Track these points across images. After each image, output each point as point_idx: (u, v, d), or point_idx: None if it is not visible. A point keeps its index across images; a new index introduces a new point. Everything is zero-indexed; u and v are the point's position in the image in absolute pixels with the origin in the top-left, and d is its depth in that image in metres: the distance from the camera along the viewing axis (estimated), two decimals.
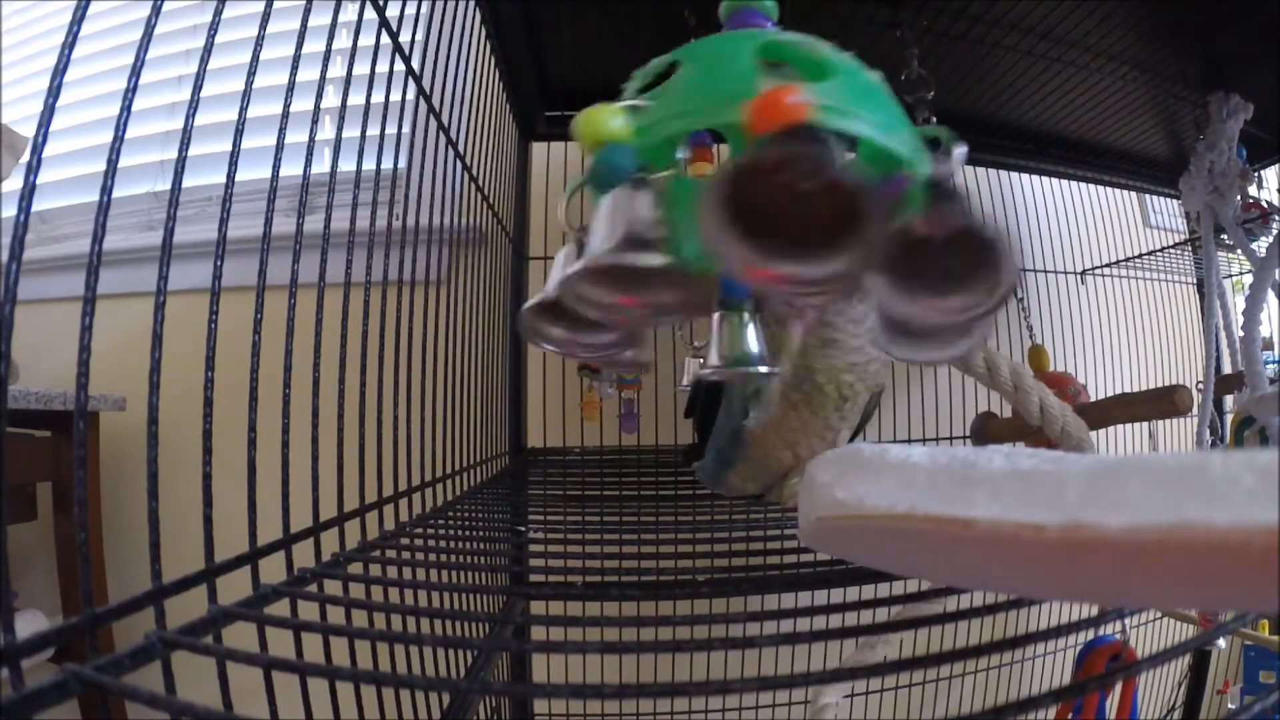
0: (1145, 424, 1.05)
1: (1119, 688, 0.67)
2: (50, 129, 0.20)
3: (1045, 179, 1.06)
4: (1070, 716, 0.65)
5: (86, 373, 0.20)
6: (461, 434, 0.56)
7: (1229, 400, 0.95)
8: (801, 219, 0.21)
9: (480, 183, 0.63)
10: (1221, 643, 0.94)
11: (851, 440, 0.41)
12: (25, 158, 0.82)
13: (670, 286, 0.26)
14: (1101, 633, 0.71)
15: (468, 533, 0.42)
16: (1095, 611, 0.25)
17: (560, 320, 0.28)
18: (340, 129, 0.34)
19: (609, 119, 0.23)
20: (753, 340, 0.26)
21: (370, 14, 0.38)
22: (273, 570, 0.28)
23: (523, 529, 0.42)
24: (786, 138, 0.20)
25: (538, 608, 0.74)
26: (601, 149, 0.23)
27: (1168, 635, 1.07)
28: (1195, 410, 0.69)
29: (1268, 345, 1.02)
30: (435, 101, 0.48)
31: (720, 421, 0.43)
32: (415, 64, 0.44)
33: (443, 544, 0.37)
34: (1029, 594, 0.20)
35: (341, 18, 0.33)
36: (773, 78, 0.23)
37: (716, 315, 0.27)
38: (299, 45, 0.31)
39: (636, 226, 0.23)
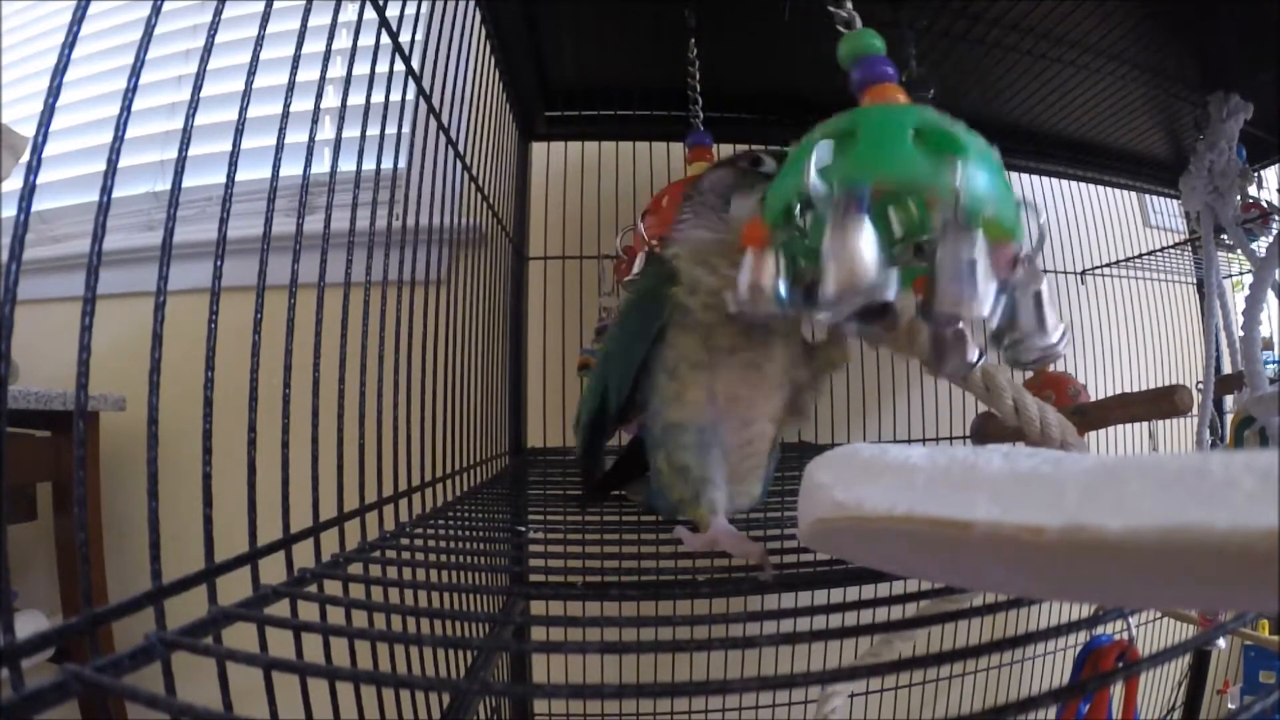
0: (1145, 424, 1.05)
1: (1121, 688, 0.67)
2: (50, 129, 0.20)
3: (1045, 179, 1.05)
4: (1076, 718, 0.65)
5: (86, 373, 0.20)
6: (461, 434, 0.56)
7: (1229, 400, 0.95)
8: None
9: (480, 183, 0.63)
10: (1221, 643, 0.93)
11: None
12: (25, 158, 0.82)
13: None
14: (1101, 632, 0.71)
15: (467, 533, 0.42)
16: (1095, 611, 0.25)
17: None
18: (340, 129, 0.34)
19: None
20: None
21: (370, 14, 0.38)
22: (273, 571, 0.28)
23: (523, 529, 0.42)
24: None
25: (538, 608, 0.73)
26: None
27: (1168, 635, 1.07)
28: (1195, 410, 0.69)
29: (1268, 345, 1.02)
30: (435, 101, 0.48)
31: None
32: (415, 64, 0.44)
33: (443, 544, 0.37)
34: (1029, 594, 0.20)
35: (341, 18, 0.33)
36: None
37: None
38: (299, 45, 0.31)
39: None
